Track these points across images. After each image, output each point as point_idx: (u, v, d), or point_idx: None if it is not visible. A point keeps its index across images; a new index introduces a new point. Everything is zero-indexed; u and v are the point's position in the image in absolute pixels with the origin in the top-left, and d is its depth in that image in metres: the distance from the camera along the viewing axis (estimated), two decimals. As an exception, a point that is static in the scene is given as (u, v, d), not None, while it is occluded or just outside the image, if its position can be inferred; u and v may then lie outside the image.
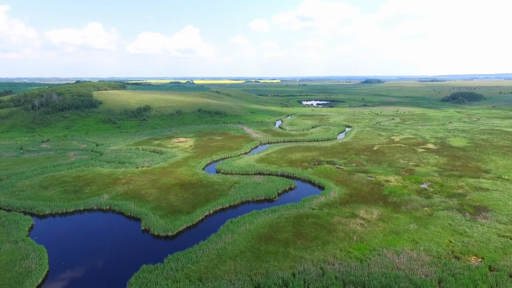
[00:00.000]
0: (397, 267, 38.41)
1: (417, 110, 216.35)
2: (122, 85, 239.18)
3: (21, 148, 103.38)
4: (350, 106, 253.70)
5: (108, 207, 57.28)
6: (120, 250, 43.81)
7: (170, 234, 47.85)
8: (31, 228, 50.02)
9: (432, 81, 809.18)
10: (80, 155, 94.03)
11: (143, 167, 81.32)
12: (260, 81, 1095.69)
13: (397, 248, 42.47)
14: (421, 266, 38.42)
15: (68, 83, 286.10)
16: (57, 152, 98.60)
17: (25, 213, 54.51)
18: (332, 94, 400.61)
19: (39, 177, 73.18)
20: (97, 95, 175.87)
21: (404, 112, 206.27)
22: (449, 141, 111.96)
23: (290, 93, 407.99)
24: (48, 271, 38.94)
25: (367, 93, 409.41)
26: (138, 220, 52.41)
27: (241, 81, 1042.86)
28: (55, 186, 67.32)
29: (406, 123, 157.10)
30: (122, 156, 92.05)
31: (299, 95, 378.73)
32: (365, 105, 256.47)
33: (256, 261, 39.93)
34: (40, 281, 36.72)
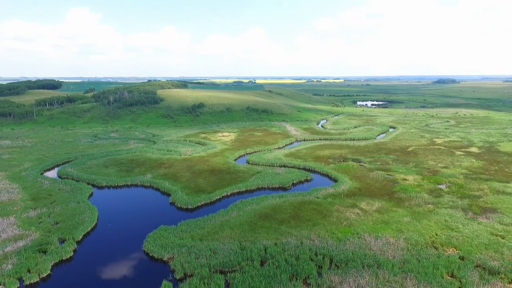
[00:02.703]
0: (370, 248, 43.03)
1: (481, 113, 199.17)
2: (184, 84, 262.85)
3: (95, 136, 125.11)
4: (406, 107, 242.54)
5: (149, 184, 70.19)
6: (149, 215, 55.44)
7: (190, 207, 58.24)
8: (91, 194, 64.68)
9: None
10: (138, 144, 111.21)
11: (185, 155, 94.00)
12: (322, 80, 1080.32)
13: (379, 234, 46.62)
14: (393, 250, 42.46)
15: (143, 82, 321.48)
16: (121, 140, 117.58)
17: (88, 183, 69.99)
18: (393, 94, 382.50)
19: (104, 158, 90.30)
20: (160, 93, 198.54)
21: (464, 114, 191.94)
22: (498, 145, 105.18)
23: (348, 93, 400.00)
24: (96, 223, 51.99)
25: (433, 94, 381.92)
26: (168, 195, 63.94)
27: (302, 81, 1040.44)
28: (114, 166, 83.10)
29: (460, 125, 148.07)
30: (170, 145, 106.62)
31: (357, 95, 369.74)
32: (424, 107, 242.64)
33: (250, 231, 47.89)
34: (89, 229, 49.70)
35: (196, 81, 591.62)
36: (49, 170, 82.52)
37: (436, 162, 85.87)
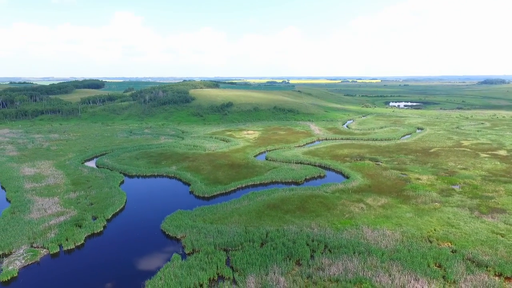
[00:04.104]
0: (365, 238, 45.87)
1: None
2: (215, 84, 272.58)
3: (131, 132, 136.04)
4: (440, 109, 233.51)
5: (173, 175, 77.12)
6: (169, 200, 61.96)
7: (206, 196, 64.01)
8: (122, 182, 72.70)
9: None
10: (168, 139, 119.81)
11: (209, 151, 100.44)
12: (358, 81, 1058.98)
13: (378, 227, 49.13)
14: (387, 240, 44.95)
15: (178, 82, 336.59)
16: (153, 136, 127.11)
17: (120, 172, 78.31)
18: (430, 95, 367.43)
19: (136, 151, 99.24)
20: (192, 92, 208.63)
21: (503, 116, 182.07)
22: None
23: (383, 94, 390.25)
24: (124, 206, 59.30)
25: (474, 95, 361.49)
26: (189, 185, 70.26)
27: (337, 81, 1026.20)
28: (144, 158, 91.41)
29: (495, 128, 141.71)
30: (197, 141, 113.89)
31: (391, 96, 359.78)
32: (460, 108, 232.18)
33: (256, 218, 52.48)
34: (117, 210, 57.04)
35: (231, 81, 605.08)
36: (88, 160, 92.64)
37: (457, 163, 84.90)
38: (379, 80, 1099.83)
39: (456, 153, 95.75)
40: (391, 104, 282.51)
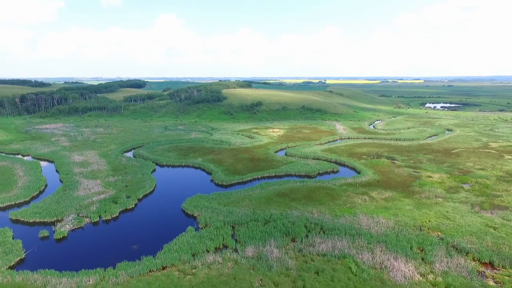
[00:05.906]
0: (359, 224, 50.49)
1: None
2: (248, 84, 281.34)
3: (166, 128, 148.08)
4: (480, 110, 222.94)
5: (198, 165, 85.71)
6: (191, 186, 70.22)
7: (224, 184, 71.50)
8: (154, 170, 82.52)
9: None
10: (198, 135, 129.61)
11: (233, 146, 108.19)
12: (399, 81, 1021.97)
13: (374, 215, 53.38)
14: (379, 227, 49.27)
15: (212, 82, 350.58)
16: (185, 131, 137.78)
17: (153, 162, 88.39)
18: (474, 97, 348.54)
19: (168, 145, 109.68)
20: (224, 92, 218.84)
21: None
22: None
23: (421, 95, 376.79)
24: (153, 189, 68.52)
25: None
26: (211, 174, 78.26)
27: (376, 81, 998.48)
28: (174, 151, 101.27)
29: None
30: (224, 137, 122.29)
31: (429, 97, 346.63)
32: (502, 110, 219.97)
33: (265, 204, 58.88)
34: (147, 192, 66.30)
35: (266, 81, 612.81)
36: (127, 151, 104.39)
37: (475, 164, 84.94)
38: (422, 81, 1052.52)
39: (478, 154, 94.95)
40: (427, 105, 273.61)
